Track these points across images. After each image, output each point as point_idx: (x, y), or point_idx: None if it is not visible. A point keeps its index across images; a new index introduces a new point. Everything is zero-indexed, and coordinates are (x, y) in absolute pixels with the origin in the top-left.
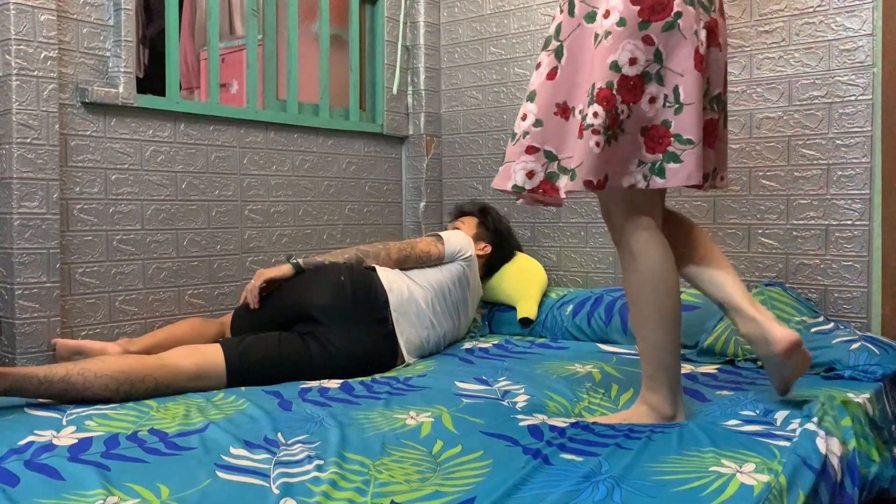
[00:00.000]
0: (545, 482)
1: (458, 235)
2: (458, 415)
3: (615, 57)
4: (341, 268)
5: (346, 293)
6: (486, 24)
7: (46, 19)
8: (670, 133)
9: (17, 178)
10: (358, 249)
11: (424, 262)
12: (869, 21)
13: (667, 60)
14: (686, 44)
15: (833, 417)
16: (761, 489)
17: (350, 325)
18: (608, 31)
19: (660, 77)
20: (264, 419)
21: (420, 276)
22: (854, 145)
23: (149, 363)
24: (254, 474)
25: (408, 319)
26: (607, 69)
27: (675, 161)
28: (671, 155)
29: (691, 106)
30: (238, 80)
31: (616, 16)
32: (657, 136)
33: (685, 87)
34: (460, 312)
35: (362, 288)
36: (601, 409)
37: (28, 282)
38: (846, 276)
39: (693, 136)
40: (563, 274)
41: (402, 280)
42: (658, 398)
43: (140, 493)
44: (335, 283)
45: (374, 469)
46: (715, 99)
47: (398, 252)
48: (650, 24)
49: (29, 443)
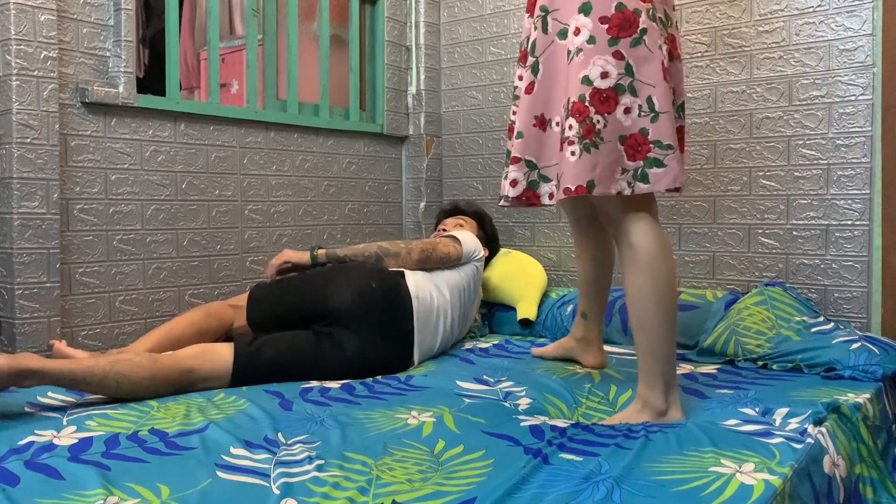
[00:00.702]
0: (545, 482)
1: (471, 236)
2: (460, 415)
3: (587, 72)
4: (373, 273)
5: (375, 301)
6: (486, 24)
7: (46, 19)
8: (649, 140)
9: (17, 178)
10: (379, 247)
11: (444, 264)
12: (869, 21)
13: (637, 73)
14: (653, 58)
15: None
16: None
17: (371, 332)
18: (579, 48)
19: (633, 89)
20: (265, 419)
21: (442, 280)
22: (854, 145)
23: (172, 369)
24: (254, 474)
25: (427, 328)
26: (579, 83)
27: (658, 166)
28: (653, 160)
29: (666, 114)
30: (238, 80)
31: (586, 33)
32: (636, 144)
33: (658, 97)
34: (467, 314)
35: (391, 297)
36: (598, 413)
37: (28, 282)
38: (846, 276)
39: (672, 141)
40: (563, 274)
41: (427, 286)
42: (652, 393)
43: (140, 493)
44: (366, 289)
45: (375, 469)
46: (680, 107)
47: (420, 253)
48: (619, 40)
49: (29, 443)
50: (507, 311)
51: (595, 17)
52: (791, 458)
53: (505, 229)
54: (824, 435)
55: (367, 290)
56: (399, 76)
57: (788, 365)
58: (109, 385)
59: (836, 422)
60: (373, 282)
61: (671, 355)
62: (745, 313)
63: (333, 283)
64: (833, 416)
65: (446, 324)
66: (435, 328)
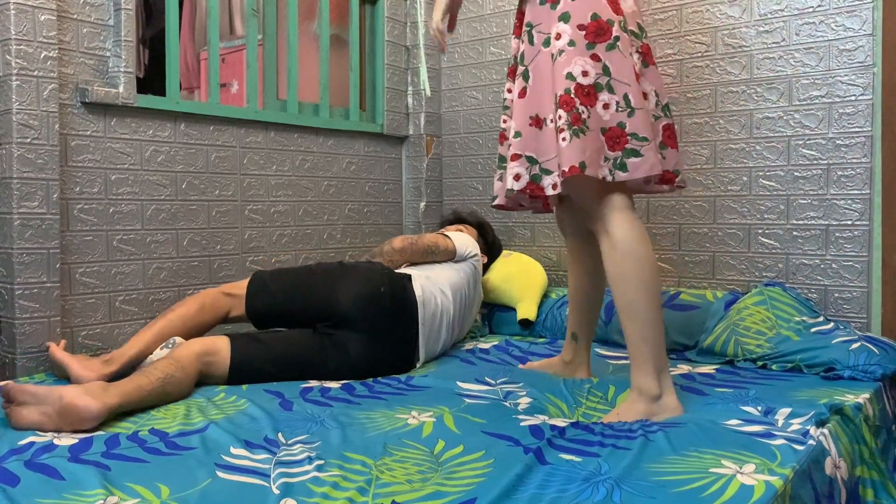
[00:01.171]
0: (545, 483)
1: (465, 237)
2: (461, 415)
3: (570, 69)
4: (383, 277)
5: (383, 306)
6: (486, 24)
7: (46, 19)
8: (626, 133)
9: (17, 178)
10: (370, 254)
11: (432, 255)
12: (869, 21)
13: (614, 73)
14: (626, 62)
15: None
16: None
17: (377, 337)
18: (561, 49)
19: (610, 87)
20: (265, 419)
21: (445, 281)
22: (854, 145)
23: (193, 377)
24: (254, 474)
25: (431, 332)
26: (564, 79)
27: (635, 156)
28: (630, 151)
29: (641, 110)
30: (238, 79)
31: (566, 38)
32: (615, 136)
33: (633, 95)
34: (466, 316)
35: (399, 303)
36: (598, 413)
37: (28, 282)
38: (846, 276)
39: (648, 135)
40: (563, 274)
41: (432, 289)
42: (645, 379)
43: (140, 493)
44: (374, 292)
45: (375, 469)
46: (665, 107)
47: (402, 240)
48: (595, 44)
49: (29, 443)
50: (507, 311)
51: (573, 24)
52: (792, 459)
53: (505, 229)
54: (827, 437)
55: (377, 295)
56: (399, 76)
57: (788, 365)
58: (157, 404)
59: (839, 423)
60: (382, 286)
61: (660, 339)
62: (744, 313)
63: (341, 285)
64: (836, 417)
65: (449, 326)
66: (438, 331)
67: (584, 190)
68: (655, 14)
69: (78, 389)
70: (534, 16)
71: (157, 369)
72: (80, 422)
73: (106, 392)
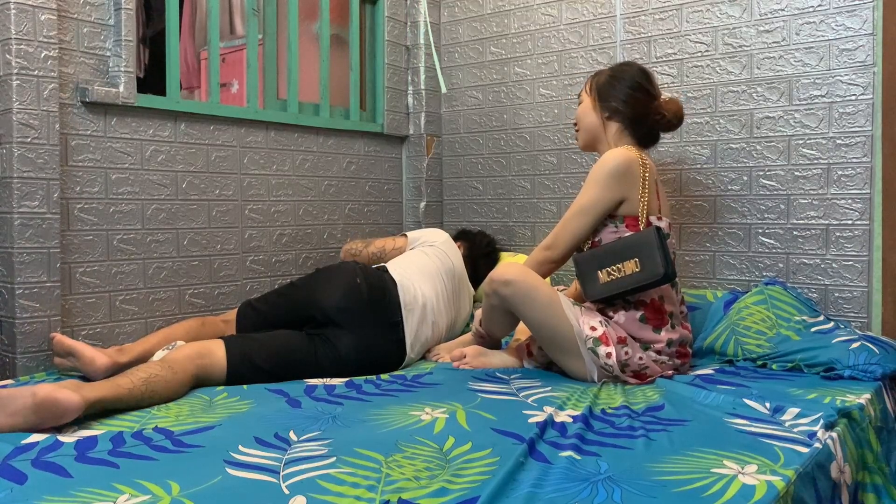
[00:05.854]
0: (546, 482)
1: (423, 231)
2: (474, 411)
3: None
4: (357, 270)
5: (361, 295)
6: (486, 24)
7: (47, 19)
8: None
9: (17, 178)
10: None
11: (383, 253)
12: (869, 21)
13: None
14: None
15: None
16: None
17: (362, 328)
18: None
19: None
20: (275, 417)
21: (416, 268)
22: (854, 145)
23: (186, 377)
24: (264, 471)
25: (415, 316)
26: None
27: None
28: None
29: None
30: (238, 79)
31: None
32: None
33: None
34: (452, 305)
35: (377, 291)
36: (610, 406)
37: (28, 281)
38: (846, 276)
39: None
40: (563, 274)
41: (410, 275)
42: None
43: (151, 490)
44: (350, 284)
45: (385, 466)
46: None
47: (346, 249)
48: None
49: (33, 442)
50: None
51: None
52: (796, 461)
53: (505, 229)
54: (834, 441)
55: (354, 286)
56: (399, 76)
57: (788, 364)
58: (143, 404)
59: (847, 426)
60: (357, 277)
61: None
62: (744, 313)
63: (320, 286)
64: (843, 420)
65: (435, 312)
66: (423, 316)
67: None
68: (655, 14)
69: (52, 385)
70: None
71: (140, 370)
72: (61, 414)
73: (81, 387)
